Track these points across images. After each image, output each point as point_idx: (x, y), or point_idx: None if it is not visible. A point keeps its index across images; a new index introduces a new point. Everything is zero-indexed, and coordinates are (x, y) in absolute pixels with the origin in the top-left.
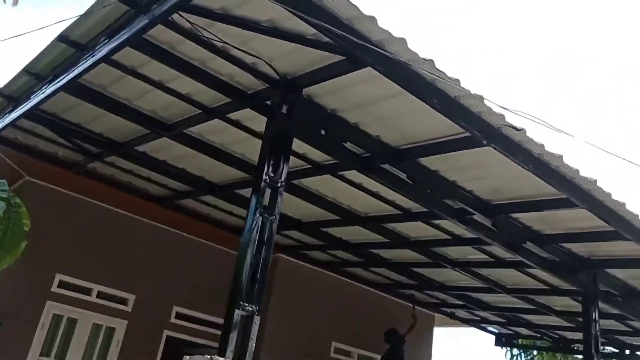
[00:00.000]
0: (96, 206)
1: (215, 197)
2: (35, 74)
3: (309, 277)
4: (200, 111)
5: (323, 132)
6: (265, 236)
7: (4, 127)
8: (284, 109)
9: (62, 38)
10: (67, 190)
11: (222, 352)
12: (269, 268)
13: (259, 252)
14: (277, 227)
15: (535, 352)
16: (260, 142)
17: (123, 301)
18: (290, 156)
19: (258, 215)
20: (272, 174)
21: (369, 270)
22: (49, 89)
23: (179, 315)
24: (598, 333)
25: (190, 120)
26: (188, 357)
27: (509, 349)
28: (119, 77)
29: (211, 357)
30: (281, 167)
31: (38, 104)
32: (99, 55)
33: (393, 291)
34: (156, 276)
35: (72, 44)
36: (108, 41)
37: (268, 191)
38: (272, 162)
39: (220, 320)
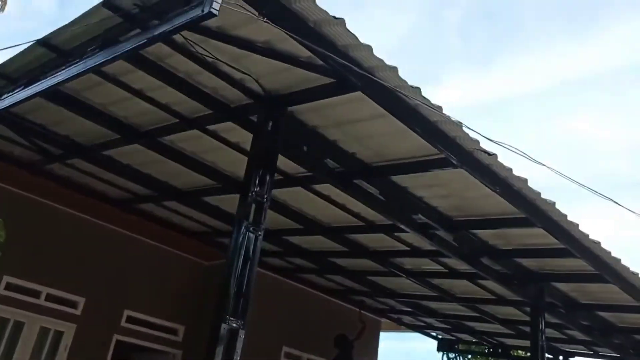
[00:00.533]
0: (48, 206)
1: (178, 202)
2: (6, 75)
3: (261, 283)
4: (177, 120)
5: (305, 148)
6: (251, 251)
7: None
8: (269, 126)
9: (43, 42)
10: (18, 189)
11: None
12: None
13: (245, 267)
14: None
15: (469, 357)
16: (233, 151)
17: (73, 304)
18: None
19: (244, 230)
20: (258, 189)
21: (323, 276)
22: (25, 92)
23: (130, 319)
24: (544, 343)
25: (166, 128)
26: None
27: (446, 353)
28: (96, 83)
29: None
30: (267, 182)
31: (11, 106)
32: (90, 64)
33: (344, 297)
34: (108, 279)
35: (52, 49)
36: (99, 51)
37: (253, 206)
38: (258, 178)
39: (172, 324)
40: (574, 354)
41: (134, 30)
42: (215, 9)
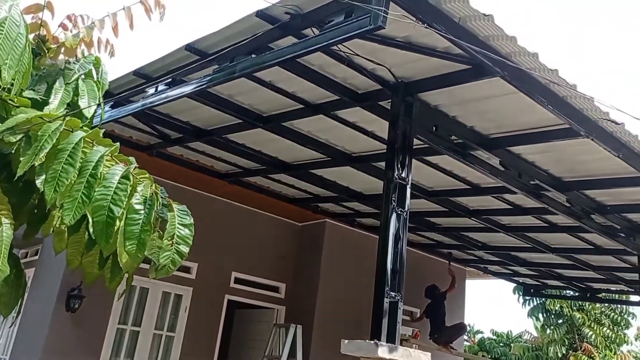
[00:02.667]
0: (162, 183)
1: (286, 175)
2: (145, 74)
3: (355, 240)
4: (303, 106)
5: (434, 128)
6: (400, 230)
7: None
8: (403, 112)
9: (189, 48)
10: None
11: (377, 335)
12: (317, 236)
13: (396, 246)
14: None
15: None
16: (347, 128)
17: (187, 269)
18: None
19: (392, 211)
20: (401, 174)
21: (416, 233)
22: (173, 92)
23: (237, 280)
24: None
25: (290, 114)
26: (347, 341)
27: (520, 294)
28: None
29: (375, 342)
30: (406, 165)
31: (162, 103)
32: (241, 69)
33: (432, 250)
34: (216, 245)
35: (197, 52)
36: (252, 57)
37: (397, 189)
38: (399, 163)
39: (274, 283)
40: None
41: (285, 37)
42: (384, 23)
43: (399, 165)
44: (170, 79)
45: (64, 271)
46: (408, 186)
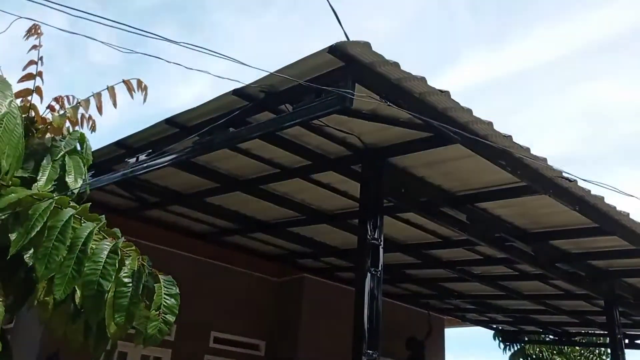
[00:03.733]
0: (136, 244)
1: (263, 233)
2: (127, 145)
3: (333, 294)
4: (279, 171)
5: (403, 190)
6: (374, 289)
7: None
8: (372, 176)
9: (169, 121)
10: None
11: None
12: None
13: (372, 304)
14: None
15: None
16: (321, 189)
17: None
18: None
19: (367, 272)
20: (373, 234)
21: (394, 285)
22: (156, 161)
23: (216, 340)
24: (621, 336)
25: (267, 178)
26: None
27: (502, 342)
28: None
29: None
30: (378, 226)
31: (144, 172)
32: (220, 142)
33: (411, 301)
34: (194, 305)
35: (175, 125)
36: (232, 130)
37: (371, 250)
38: (371, 224)
39: (253, 341)
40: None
41: (262, 113)
42: (351, 104)
43: (371, 227)
44: (150, 150)
45: (40, 338)
46: (381, 246)
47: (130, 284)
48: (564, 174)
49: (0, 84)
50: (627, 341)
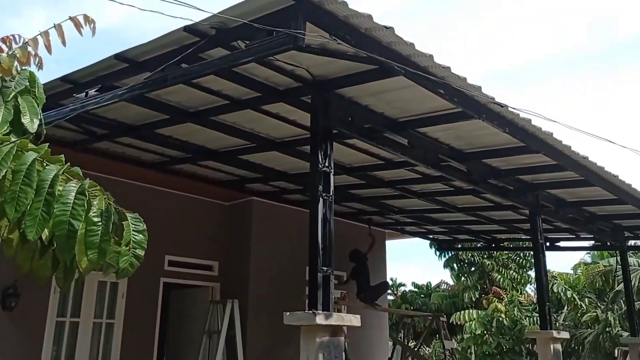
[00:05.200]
0: (90, 176)
1: (214, 161)
2: (73, 80)
3: (281, 215)
4: (229, 102)
5: (350, 119)
6: (326, 213)
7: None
8: (321, 106)
9: (118, 56)
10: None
11: (314, 305)
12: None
13: (325, 227)
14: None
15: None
16: (270, 118)
17: None
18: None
19: (319, 197)
20: (324, 162)
21: (339, 204)
22: (108, 96)
23: (171, 263)
24: (543, 241)
25: (217, 109)
26: (288, 313)
27: (438, 250)
28: None
29: (313, 311)
30: (328, 154)
31: (94, 109)
32: (174, 78)
33: (354, 217)
34: (148, 232)
35: (125, 60)
36: (185, 66)
37: (322, 177)
38: (322, 152)
39: (207, 262)
40: (559, 240)
41: (214, 49)
42: (302, 43)
43: (322, 155)
44: (100, 85)
45: None
46: (331, 173)
47: (100, 223)
48: (496, 100)
49: None
50: (548, 244)
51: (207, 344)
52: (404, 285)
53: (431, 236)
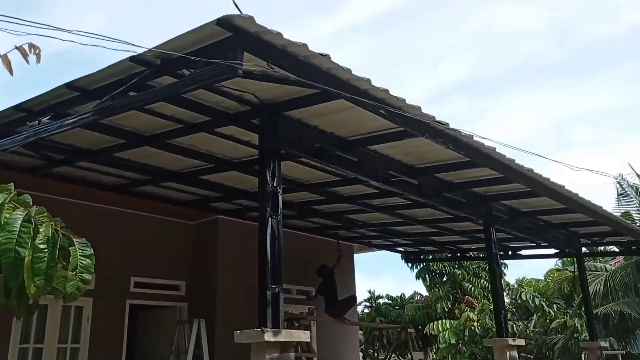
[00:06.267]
0: (49, 199)
1: (175, 182)
2: (26, 109)
3: (246, 232)
4: (181, 126)
5: (299, 139)
6: (276, 232)
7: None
8: (269, 129)
9: (69, 85)
10: (23, 190)
11: (263, 323)
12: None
13: (273, 245)
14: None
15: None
16: (225, 140)
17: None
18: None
19: (268, 217)
20: (272, 183)
21: (303, 219)
22: (60, 124)
23: (137, 284)
24: (497, 251)
25: (171, 133)
26: (239, 331)
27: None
28: None
29: (261, 329)
30: (276, 175)
31: (47, 136)
32: (122, 106)
33: (320, 232)
34: (112, 254)
35: (75, 89)
36: (132, 94)
37: (270, 197)
38: (269, 172)
39: (173, 282)
40: (520, 248)
41: (162, 77)
42: (241, 72)
43: (270, 176)
44: (52, 113)
45: None
46: (279, 193)
47: (46, 249)
48: (437, 119)
49: None
50: (510, 252)
51: None
52: (381, 297)
53: (398, 248)
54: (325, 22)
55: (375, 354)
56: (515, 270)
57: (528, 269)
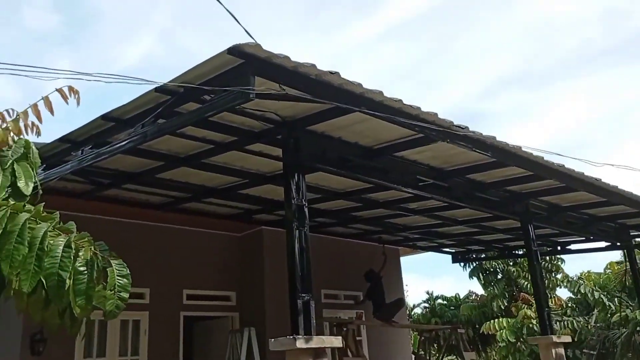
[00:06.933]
0: (104, 220)
1: (215, 198)
2: (71, 140)
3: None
4: (213, 146)
5: (322, 152)
6: (303, 243)
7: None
8: (292, 144)
9: (104, 116)
10: (80, 213)
11: (295, 331)
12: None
13: (302, 256)
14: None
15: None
16: (256, 156)
17: (140, 295)
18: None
19: (295, 230)
20: (297, 196)
21: (345, 226)
22: (100, 151)
23: (189, 297)
24: (536, 248)
25: (204, 153)
26: (273, 340)
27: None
28: None
29: (293, 337)
30: (301, 188)
31: (89, 164)
32: (152, 133)
33: (364, 238)
34: (164, 269)
35: (111, 119)
36: (161, 122)
37: (296, 210)
38: (294, 186)
39: (224, 293)
40: (569, 243)
41: (188, 103)
42: (254, 96)
43: (294, 190)
44: (93, 143)
45: (22, 320)
46: (305, 206)
47: (86, 272)
48: (455, 124)
49: None
50: (559, 248)
51: None
52: (440, 297)
53: (444, 249)
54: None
55: (427, 356)
56: (577, 264)
57: (590, 262)
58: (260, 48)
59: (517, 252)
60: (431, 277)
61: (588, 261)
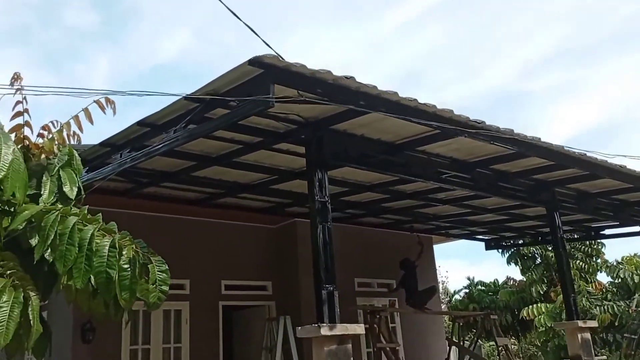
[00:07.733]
0: (145, 216)
1: (248, 193)
2: (111, 144)
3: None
4: (242, 146)
5: (344, 149)
6: (326, 237)
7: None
8: (315, 144)
9: (140, 122)
10: (122, 209)
11: (320, 319)
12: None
13: (325, 250)
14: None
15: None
16: (283, 154)
17: (181, 287)
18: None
19: (318, 224)
20: (320, 192)
21: (377, 216)
22: (137, 155)
23: (227, 287)
24: (562, 235)
25: (235, 152)
26: (300, 327)
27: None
28: None
29: (318, 324)
30: (324, 186)
31: (128, 167)
32: (184, 137)
33: (396, 227)
34: (203, 261)
35: (146, 125)
36: (192, 127)
37: (319, 207)
38: (317, 183)
39: (261, 282)
40: (603, 228)
41: (215, 109)
42: (273, 103)
43: (317, 187)
44: (131, 147)
45: (73, 310)
46: (327, 202)
47: (129, 269)
48: (471, 119)
49: (2, 136)
50: (593, 233)
51: (267, 359)
52: (479, 284)
53: (477, 237)
54: (402, 8)
55: (462, 342)
56: (621, 248)
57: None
58: (278, 59)
59: (549, 238)
60: (473, 263)
61: (632, 244)
